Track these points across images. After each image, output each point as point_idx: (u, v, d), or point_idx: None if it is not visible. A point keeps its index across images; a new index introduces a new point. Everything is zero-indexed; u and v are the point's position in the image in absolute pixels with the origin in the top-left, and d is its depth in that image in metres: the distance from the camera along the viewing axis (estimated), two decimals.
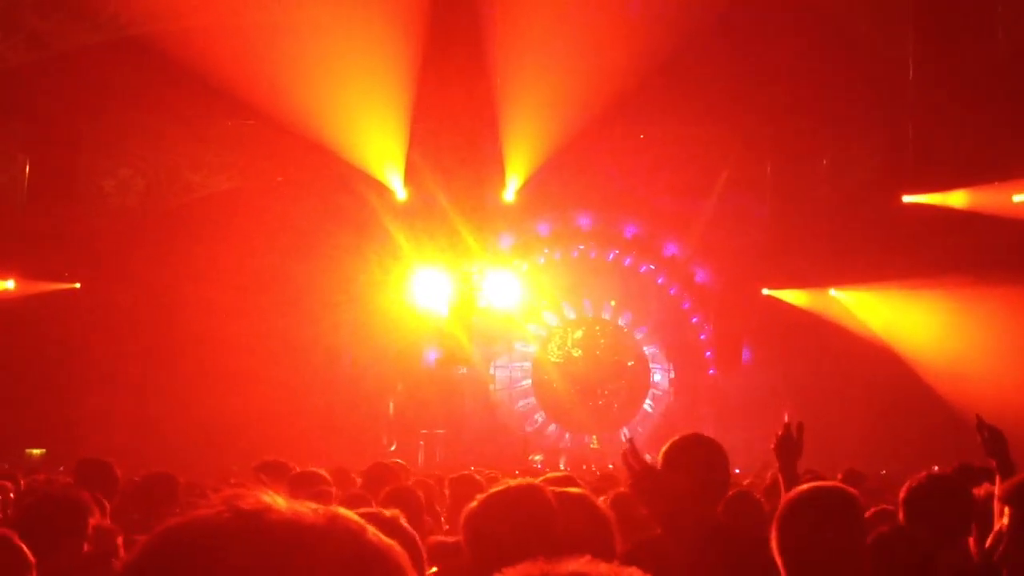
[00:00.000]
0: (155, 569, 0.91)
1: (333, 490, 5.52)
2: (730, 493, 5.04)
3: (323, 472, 6.15)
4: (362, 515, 0.98)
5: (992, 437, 4.26)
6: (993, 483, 4.52)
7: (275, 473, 5.97)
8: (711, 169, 22.15)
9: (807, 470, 8.57)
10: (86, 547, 4.23)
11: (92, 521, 4.29)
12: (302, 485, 5.29)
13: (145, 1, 17.47)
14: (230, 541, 0.90)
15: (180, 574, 0.90)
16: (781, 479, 4.40)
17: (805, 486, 3.25)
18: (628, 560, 3.12)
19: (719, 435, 3.91)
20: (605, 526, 3.17)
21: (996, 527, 3.92)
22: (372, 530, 0.96)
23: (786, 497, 3.22)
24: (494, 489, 3.10)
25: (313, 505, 0.96)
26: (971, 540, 4.09)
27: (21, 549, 3.46)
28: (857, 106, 19.59)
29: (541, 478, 3.94)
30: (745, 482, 8.78)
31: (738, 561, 3.39)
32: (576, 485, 4.00)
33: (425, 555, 3.24)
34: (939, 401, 17.16)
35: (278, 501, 0.95)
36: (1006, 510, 3.53)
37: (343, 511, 0.97)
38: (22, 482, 9.02)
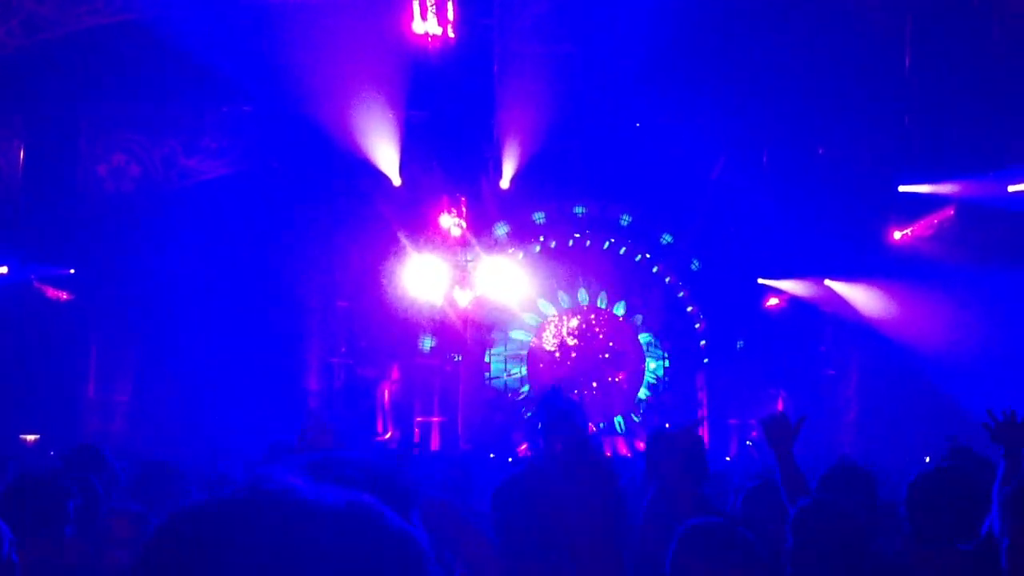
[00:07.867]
0: (173, 547, 0.92)
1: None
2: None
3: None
4: None
5: (1007, 423, 4.22)
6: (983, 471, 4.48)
7: (285, 453, 5.96)
8: (707, 158, 22.09)
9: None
10: (69, 531, 4.21)
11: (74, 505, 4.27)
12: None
13: None
14: (247, 520, 0.91)
15: (197, 552, 0.90)
16: (778, 466, 4.37)
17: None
18: None
19: (714, 424, 3.92)
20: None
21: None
22: (391, 515, 0.96)
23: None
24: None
25: (336, 488, 0.96)
26: None
27: None
28: (854, 95, 19.55)
29: None
30: None
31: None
32: None
33: None
34: (934, 392, 17.21)
35: (300, 484, 0.95)
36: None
37: (364, 496, 0.96)
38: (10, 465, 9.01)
